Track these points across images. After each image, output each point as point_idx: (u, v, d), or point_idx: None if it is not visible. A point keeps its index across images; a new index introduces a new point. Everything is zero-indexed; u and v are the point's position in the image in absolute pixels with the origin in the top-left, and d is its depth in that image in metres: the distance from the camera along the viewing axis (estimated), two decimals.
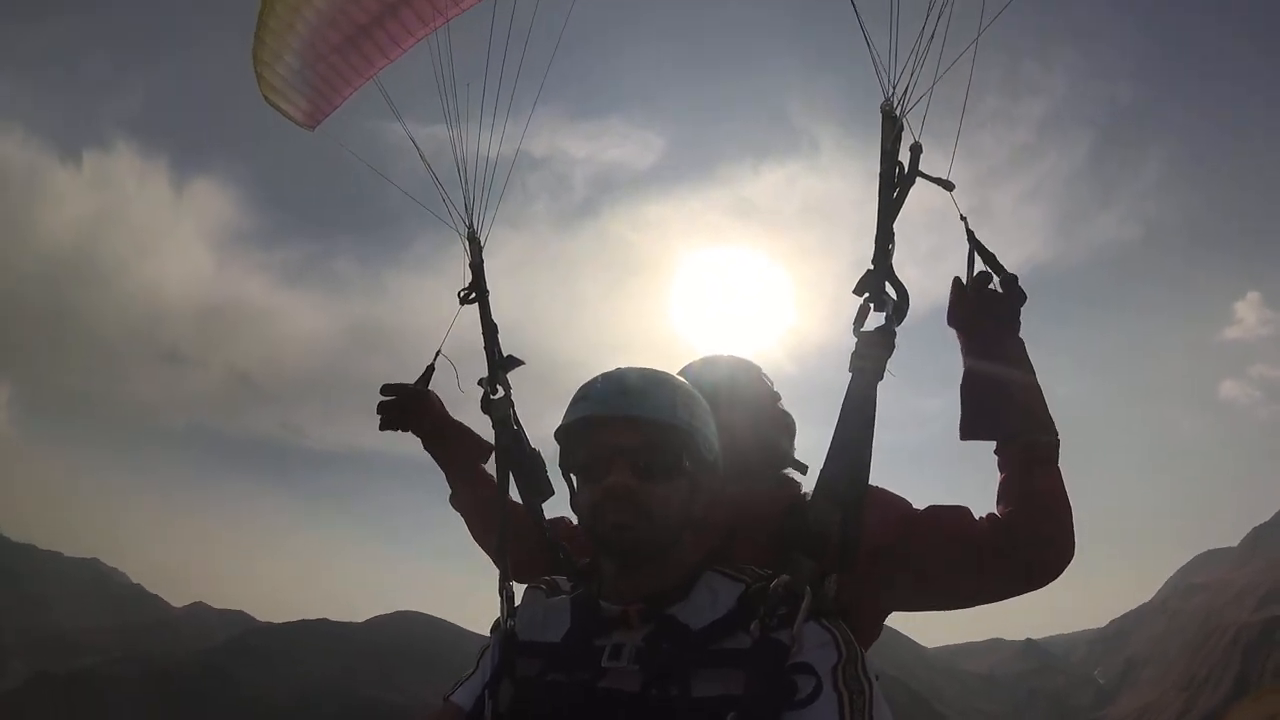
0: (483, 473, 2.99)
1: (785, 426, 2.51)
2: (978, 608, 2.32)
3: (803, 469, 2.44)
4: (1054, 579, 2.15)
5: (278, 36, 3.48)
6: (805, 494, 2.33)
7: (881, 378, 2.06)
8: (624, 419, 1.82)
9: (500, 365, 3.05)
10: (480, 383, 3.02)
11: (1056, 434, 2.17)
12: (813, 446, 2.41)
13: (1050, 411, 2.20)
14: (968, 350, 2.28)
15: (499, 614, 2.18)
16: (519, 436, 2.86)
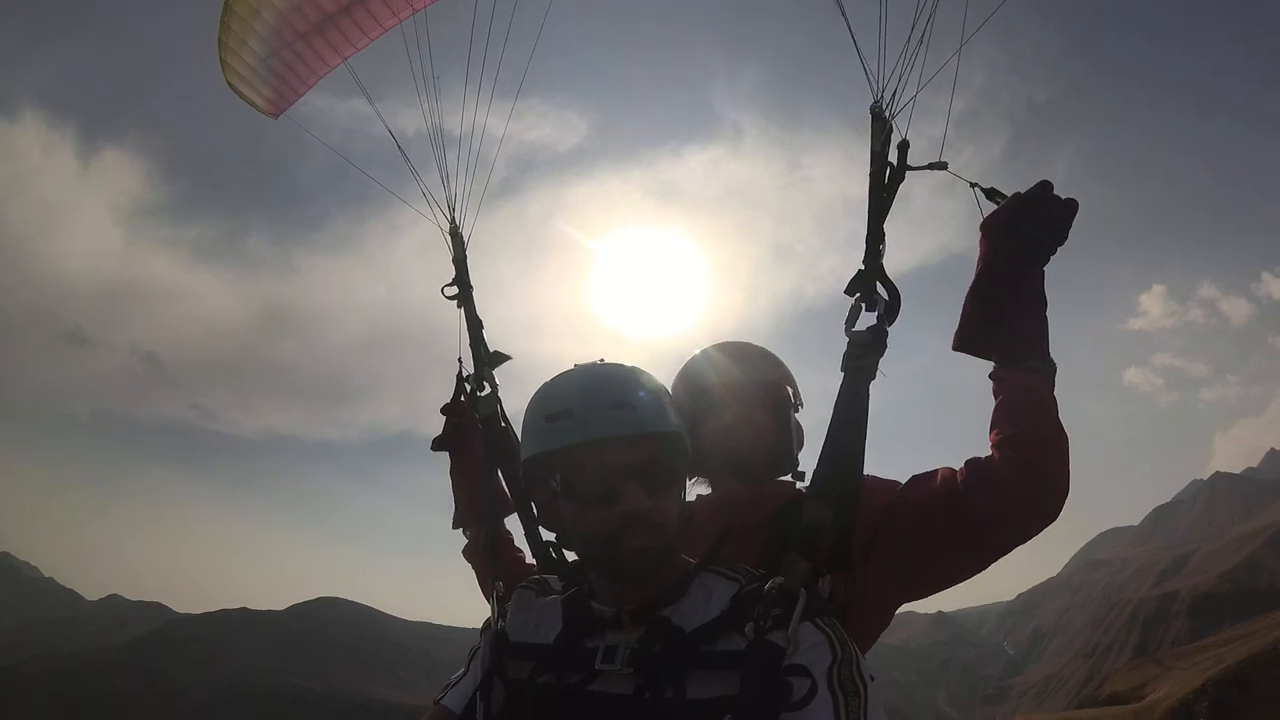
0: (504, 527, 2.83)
1: (799, 438, 2.53)
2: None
3: (801, 476, 2.44)
4: (1051, 514, 2.03)
5: (243, 23, 3.40)
6: (799, 492, 2.33)
7: (874, 377, 2.07)
8: (627, 439, 1.73)
9: (486, 361, 3.02)
10: (466, 379, 3.02)
11: (1053, 363, 2.10)
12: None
13: (1048, 341, 2.12)
14: (987, 260, 2.14)
15: (489, 614, 2.15)
16: (507, 433, 2.85)
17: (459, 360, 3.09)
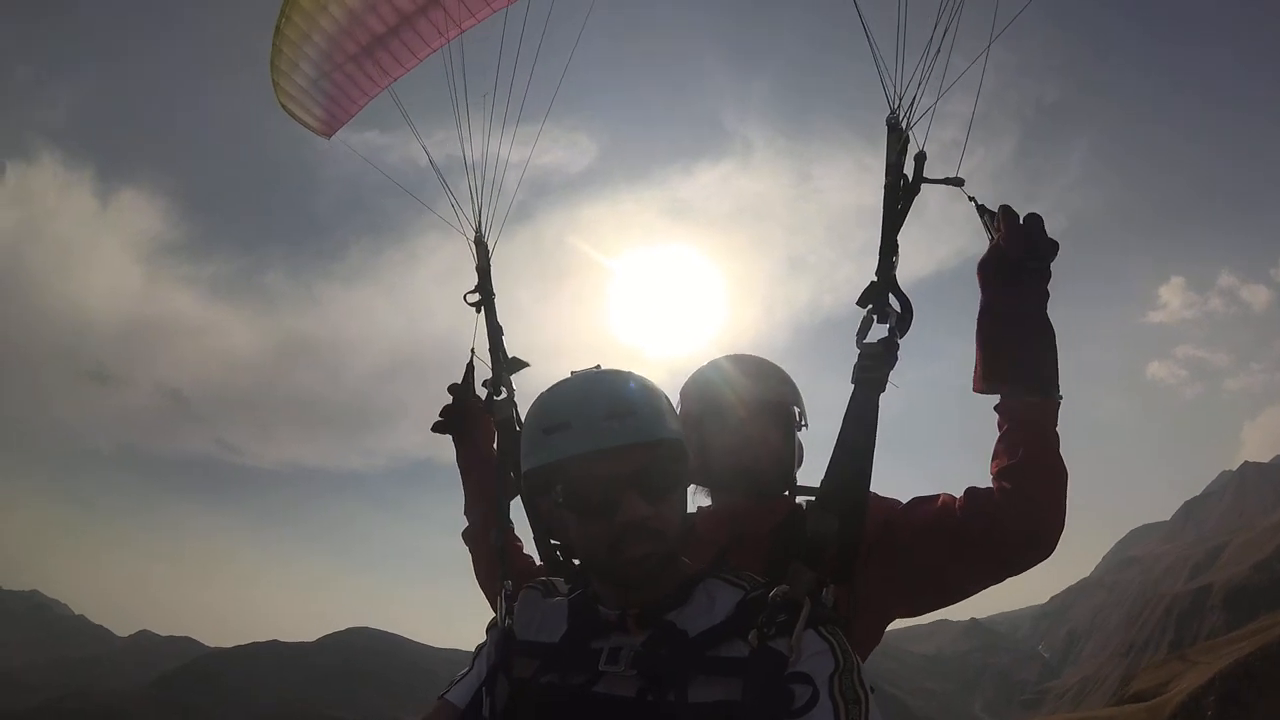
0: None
1: (800, 456, 2.57)
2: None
3: (800, 493, 2.47)
4: (1046, 550, 2.09)
5: (294, 46, 3.50)
6: (800, 507, 2.37)
7: (884, 389, 2.06)
8: (625, 448, 1.72)
9: (506, 367, 3.07)
10: (485, 384, 3.06)
11: (1058, 394, 2.11)
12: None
13: (1059, 372, 2.14)
14: (983, 301, 2.19)
15: (496, 613, 2.16)
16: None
17: (472, 351, 3.16)
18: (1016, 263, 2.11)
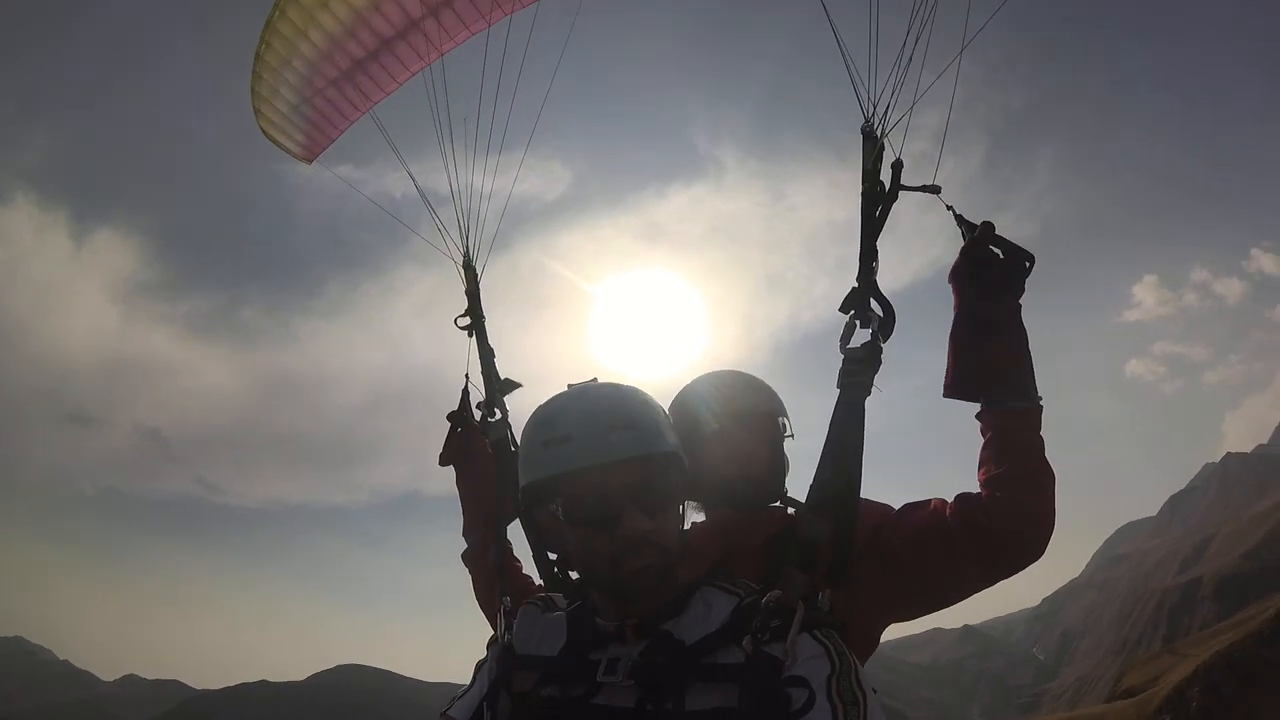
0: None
1: (787, 467, 2.59)
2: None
3: (790, 504, 2.49)
4: (1036, 553, 2.11)
5: (275, 72, 3.53)
6: (791, 517, 2.40)
7: (869, 393, 2.10)
8: (626, 461, 1.73)
9: (499, 388, 3.13)
10: (479, 406, 3.12)
11: (1038, 400, 2.14)
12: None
13: (1035, 377, 2.16)
14: (957, 308, 2.22)
15: (496, 629, 2.18)
16: (517, 457, 2.93)
17: (466, 376, 3.20)
18: (989, 267, 2.16)
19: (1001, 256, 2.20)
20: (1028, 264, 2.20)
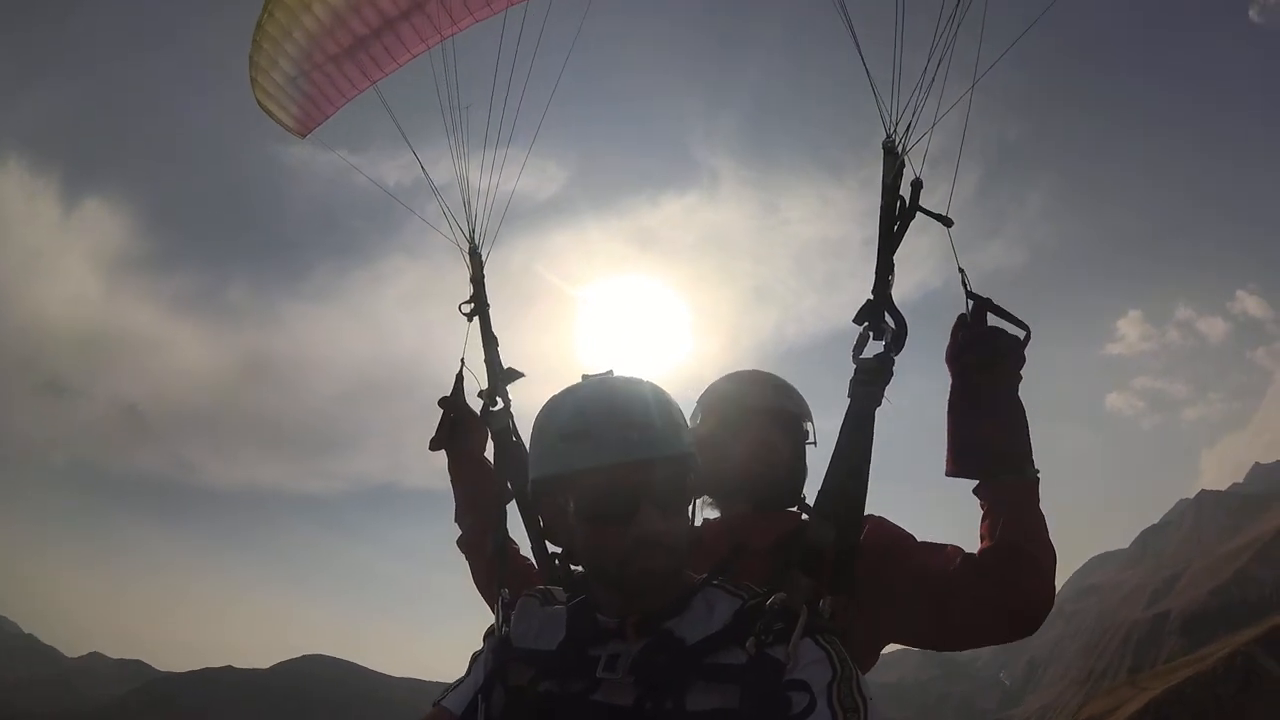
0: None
1: (806, 472, 2.60)
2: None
3: (807, 509, 2.49)
4: (1030, 628, 2.11)
5: (275, 43, 3.49)
6: (803, 520, 2.41)
7: (879, 404, 2.13)
8: (643, 461, 1.72)
9: (501, 377, 3.10)
10: (481, 394, 3.09)
11: (1034, 473, 2.16)
12: None
13: (1031, 449, 2.17)
14: (951, 388, 2.25)
15: (493, 621, 2.13)
16: (519, 447, 2.91)
17: (462, 361, 3.18)
18: (984, 342, 2.20)
19: (990, 333, 2.23)
20: (1023, 337, 2.22)
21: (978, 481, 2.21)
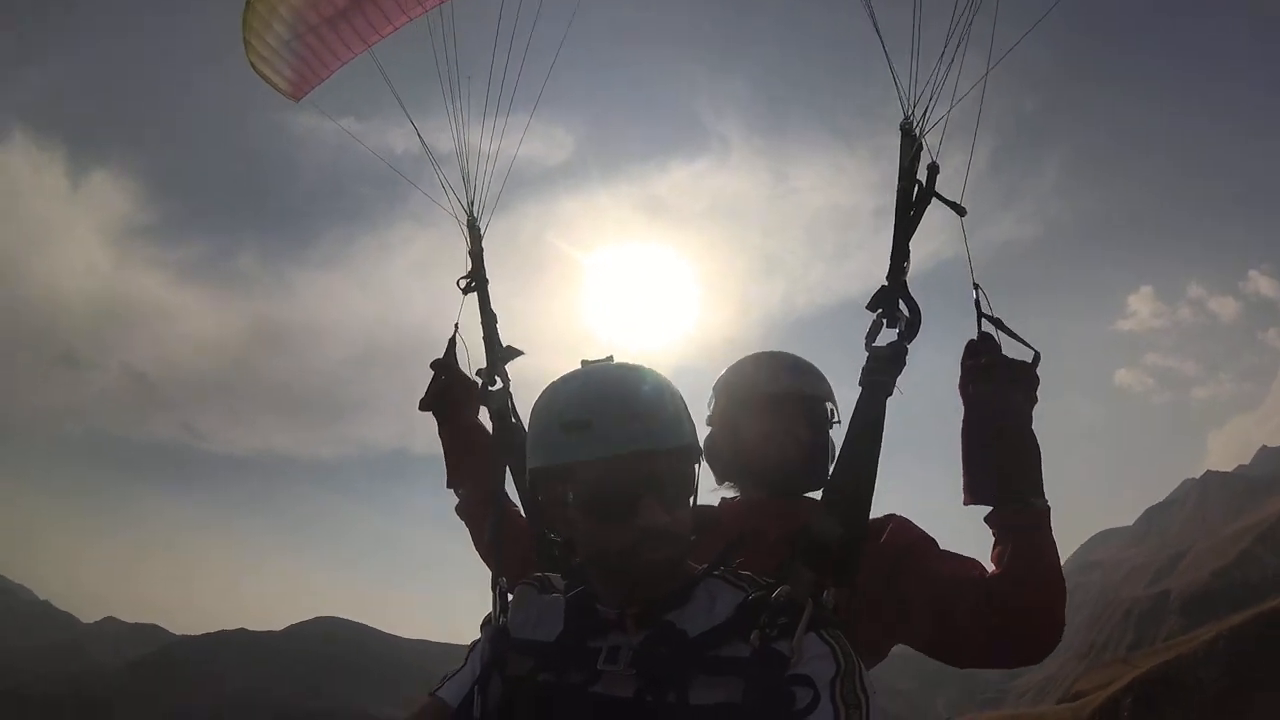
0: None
1: (834, 453, 2.52)
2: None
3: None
4: (1034, 657, 2.11)
5: (269, 5, 3.44)
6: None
7: (891, 394, 2.07)
8: (646, 453, 1.68)
9: (500, 356, 3.04)
10: (479, 373, 3.03)
11: (1044, 504, 2.12)
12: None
13: (1041, 480, 2.15)
14: (965, 416, 2.22)
15: (491, 609, 2.14)
16: (518, 428, 2.85)
17: (455, 326, 3.14)
18: (995, 369, 2.17)
19: (1000, 363, 2.20)
20: (1033, 360, 2.19)
21: (990, 509, 2.18)
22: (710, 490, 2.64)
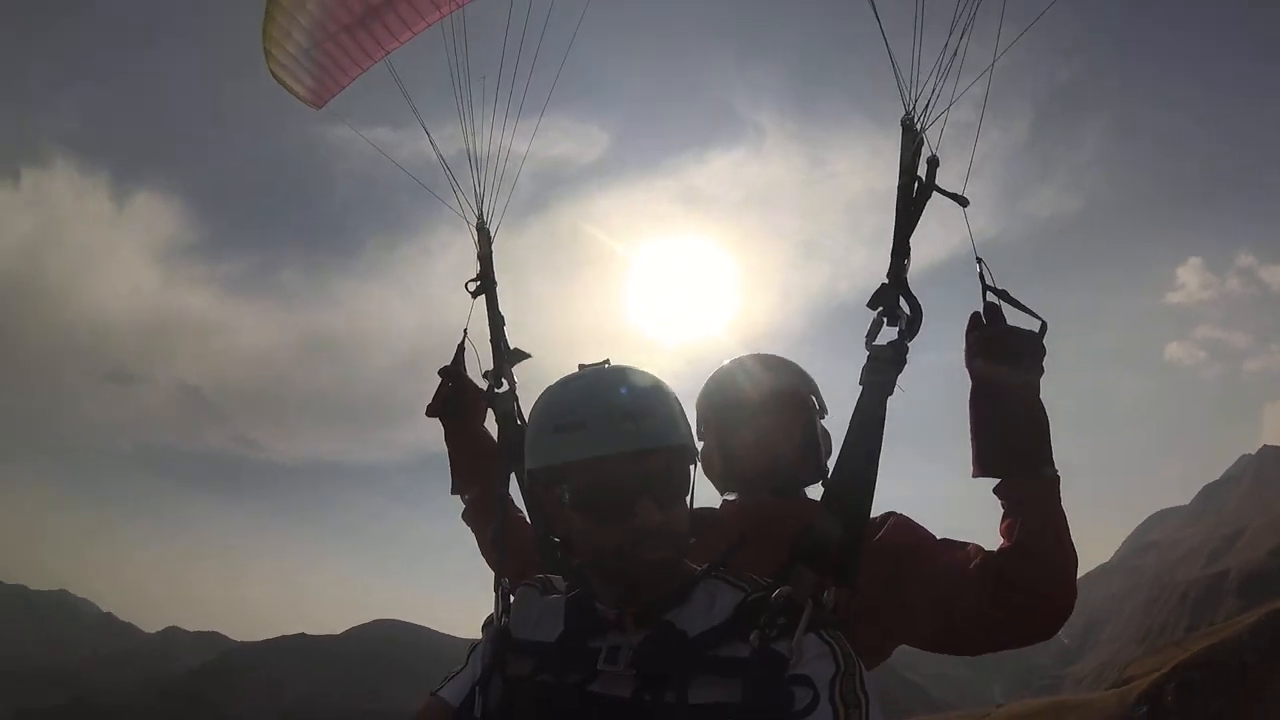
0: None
1: (829, 447, 2.55)
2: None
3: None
4: (1046, 631, 2.10)
5: (288, 14, 3.47)
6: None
7: (892, 393, 2.06)
8: (639, 452, 1.70)
9: (506, 358, 3.04)
10: (485, 375, 3.04)
11: (1053, 474, 2.11)
12: None
13: (1051, 450, 2.13)
14: (972, 389, 2.21)
15: (492, 610, 2.15)
16: (523, 430, 2.85)
17: (464, 331, 3.15)
18: (1001, 340, 2.15)
19: (1005, 332, 2.19)
20: (1040, 330, 2.17)
21: (999, 480, 2.16)
22: (714, 499, 2.65)
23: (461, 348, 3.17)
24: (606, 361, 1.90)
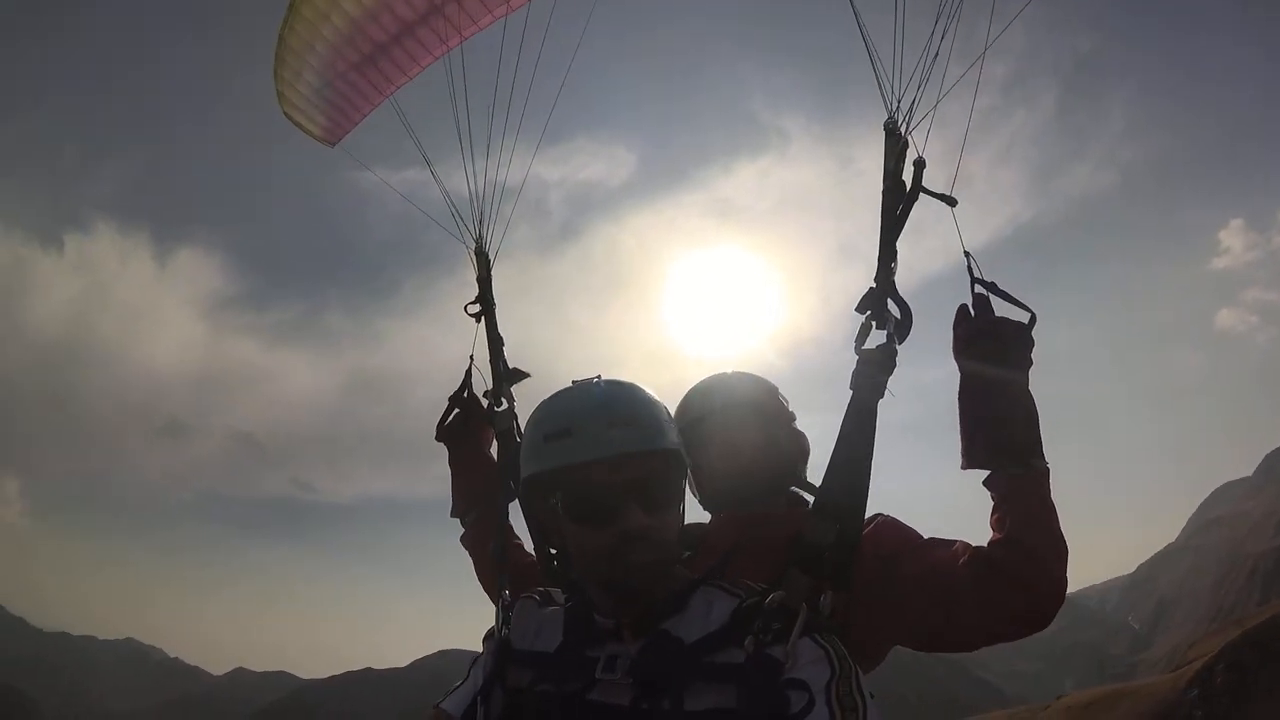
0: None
1: (801, 448, 2.56)
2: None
3: (813, 490, 2.40)
4: (1039, 623, 2.07)
5: (298, 55, 3.56)
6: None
7: (882, 396, 2.08)
8: (625, 457, 1.75)
9: (505, 378, 3.10)
10: (485, 394, 3.10)
11: (1042, 465, 2.10)
12: (816, 435, 2.57)
13: (1040, 442, 2.12)
14: (961, 382, 2.20)
15: (493, 623, 2.17)
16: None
17: (470, 358, 3.21)
18: (989, 334, 2.15)
19: (993, 324, 2.18)
20: (1029, 322, 2.16)
21: (988, 473, 2.15)
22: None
23: (469, 373, 3.21)
24: (598, 377, 1.94)
